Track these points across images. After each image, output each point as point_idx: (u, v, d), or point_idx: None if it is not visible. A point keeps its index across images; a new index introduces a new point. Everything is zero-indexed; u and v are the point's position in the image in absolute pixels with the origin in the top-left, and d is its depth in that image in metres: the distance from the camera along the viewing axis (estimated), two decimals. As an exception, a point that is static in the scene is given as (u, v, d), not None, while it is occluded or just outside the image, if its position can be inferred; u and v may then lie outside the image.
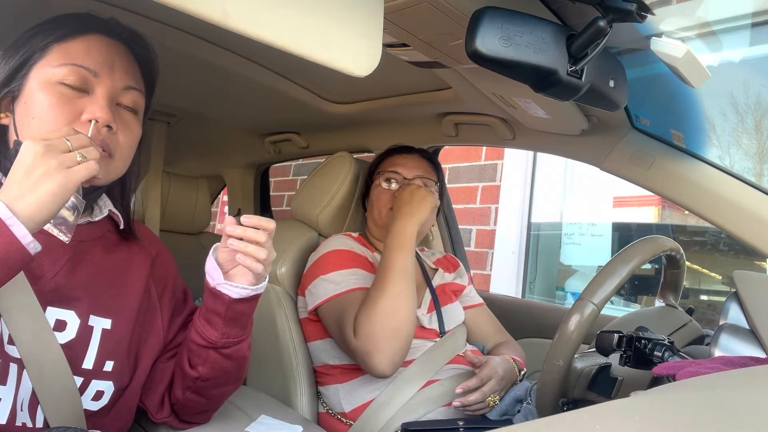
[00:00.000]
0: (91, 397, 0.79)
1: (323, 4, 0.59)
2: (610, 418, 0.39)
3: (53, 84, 0.75)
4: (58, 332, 0.76)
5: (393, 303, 1.07)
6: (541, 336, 1.60)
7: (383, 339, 1.05)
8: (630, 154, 1.18)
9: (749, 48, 1.12)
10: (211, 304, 0.84)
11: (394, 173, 1.33)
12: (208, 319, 0.85)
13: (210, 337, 0.84)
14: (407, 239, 1.13)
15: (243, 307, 0.83)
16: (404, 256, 1.11)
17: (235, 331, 0.85)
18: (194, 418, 0.94)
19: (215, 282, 0.82)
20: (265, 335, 1.32)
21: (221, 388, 0.90)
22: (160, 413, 0.91)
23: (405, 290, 1.09)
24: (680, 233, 2.52)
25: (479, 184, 2.72)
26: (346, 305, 1.12)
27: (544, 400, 0.92)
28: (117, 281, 0.84)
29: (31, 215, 0.61)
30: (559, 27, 0.74)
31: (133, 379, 0.86)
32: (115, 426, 0.85)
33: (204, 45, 1.17)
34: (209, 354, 0.85)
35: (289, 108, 1.54)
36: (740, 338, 0.82)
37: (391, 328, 1.05)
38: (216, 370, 0.86)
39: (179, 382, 0.89)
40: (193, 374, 0.86)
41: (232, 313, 0.83)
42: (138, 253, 0.89)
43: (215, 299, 0.83)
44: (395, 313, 1.06)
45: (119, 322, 0.82)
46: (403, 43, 0.91)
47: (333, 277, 1.18)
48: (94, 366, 0.79)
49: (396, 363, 1.07)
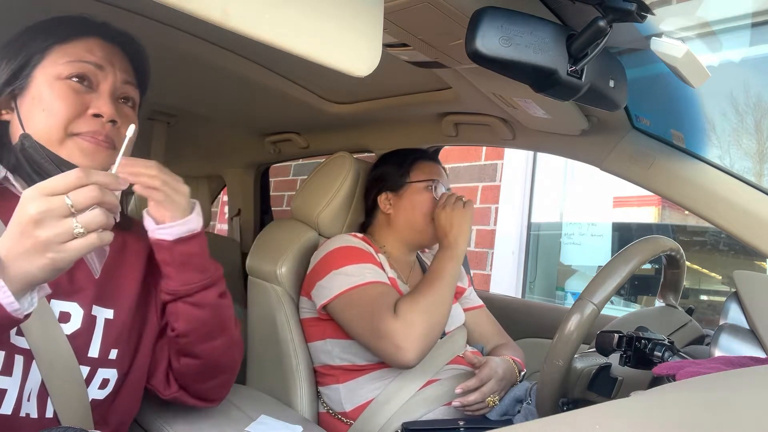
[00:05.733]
0: (98, 386, 0.81)
1: (323, 4, 0.59)
2: (610, 418, 0.39)
3: (62, 79, 0.80)
4: (63, 324, 0.78)
5: (435, 302, 1.13)
6: (541, 336, 1.60)
7: (422, 330, 1.08)
8: (630, 154, 1.18)
9: (749, 48, 1.12)
10: (159, 256, 0.85)
11: (437, 182, 1.35)
12: (165, 273, 0.86)
13: (171, 289, 0.85)
14: (459, 257, 1.23)
15: (186, 247, 0.83)
16: (454, 268, 1.20)
17: (192, 275, 0.85)
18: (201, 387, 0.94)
19: (152, 232, 0.83)
20: (265, 335, 1.32)
21: (206, 344, 0.89)
22: (168, 390, 0.92)
23: (448, 296, 1.17)
24: (680, 233, 2.53)
25: (479, 184, 2.72)
26: (377, 294, 1.14)
27: (544, 400, 0.92)
28: (116, 272, 0.87)
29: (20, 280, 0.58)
30: (559, 27, 0.74)
31: (134, 366, 0.87)
32: (119, 415, 0.87)
33: (204, 45, 1.16)
34: (178, 307, 0.86)
35: (289, 108, 1.54)
36: (740, 338, 0.82)
37: (430, 324, 1.10)
38: (191, 322, 0.86)
39: (173, 352, 0.91)
40: (173, 334, 0.87)
41: (179, 256, 0.83)
42: (134, 244, 0.91)
43: (159, 249, 0.84)
44: (435, 312, 1.12)
45: (120, 311, 0.85)
46: (403, 43, 0.91)
47: (347, 270, 1.18)
48: (100, 355, 0.81)
49: (422, 356, 1.09)
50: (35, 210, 0.57)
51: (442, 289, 1.15)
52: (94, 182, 0.60)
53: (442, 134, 1.48)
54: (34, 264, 0.57)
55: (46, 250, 0.57)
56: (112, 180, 0.63)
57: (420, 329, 1.08)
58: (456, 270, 1.20)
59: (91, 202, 0.59)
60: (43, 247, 0.57)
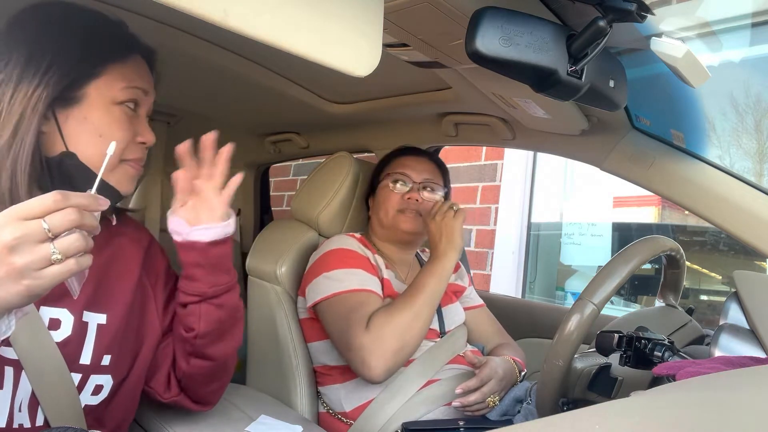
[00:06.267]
0: (91, 392, 0.80)
1: (323, 4, 0.59)
2: (610, 418, 0.39)
3: (116, 104, 0.79)
4: (53, 331, 0.76)
5: (412, 319, 1.09)
6: (541, 336, 1.60)
7: (391, 347, 1.05)
8: (630, 154, 1.18)
9: (749, 48, 1.12)
10: (188, 258, 0.84)
11: (403, 175, 1.33)
12: (190, 275, 0.85)
13: (198, 290, 0.85)
14: (446, 271, 1.18)
15: (219, 249, 0.85)
16: (437, 284, 1.15)
17: (221, 277, 0.86)
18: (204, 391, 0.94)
19: (185, 233, 0.83)
20: (265, 335, 1.32)
21: (219, 345, 0.90)
22: (168, 393, 0.92)
23: (426, 313, 1.12)
24: (680, 233, 2.52)
25: (479, 184, 2.72)
26: (356, 303, 1.12)
27: (544, 400, 0.92)
28: (109, 277, 0.85)
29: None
30: (559, 27, 0.74)
31: (133, 370, 0.86)
32: (116, 418, 0.86)
33: (204, 45, 1.17)
34: (202, 308, 0.86)
35: (289, 108, 1.54)
36: (740, 338, 0.82)
37: (402, 341, 1.07)
38: (212, 323, 0.87)
39: (181, 353, 0.90)
40: (191, 335, 0.87)
41: (212, 258, 0.84)
42: (129, 246, 0.90)
43: (190, 251, 0.84)
44: (410, 329, 1.08)
45: (114, 316, 0.83)
46: (403, 43, 0.91)
47: (335, 274, 1.18)
48: (92, 361, 0.79)
49: (389, 373, 1.08)
50: (10, 236, 0.53)
51: (420, 306, 1.11)
52: (72, 205, 0.56)
53: (442, 134, 1.48)
54: (9, 291, 0.54)
55: (22, 277, 0.54)
56: (91, 201, 0.59)
57: (390, 346, 1.05)
58: (440, 285, 1.15)
59: (69, 225, 0.56)
60: (19, 274, 0.54)
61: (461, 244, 1.22)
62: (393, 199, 1.31)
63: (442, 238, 1.20)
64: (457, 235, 1.21)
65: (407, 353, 1.09)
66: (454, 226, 1.21)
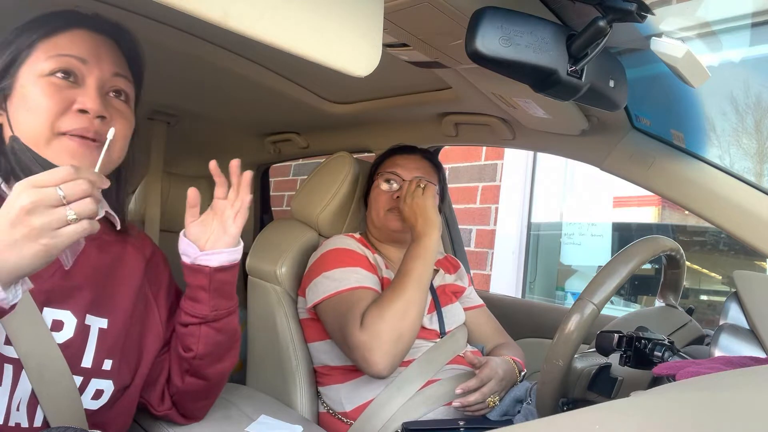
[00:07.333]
0: (91, 396, 0.80)
1: (323, 5, 0.59)
2: (610, 418, 0.39)
3: (44, 76, 0.76)
4: (56, 332, 0.76)
5: (405, 307, 1.08)
6: (541, 336, 1.60)
7: (389, 339, 1.05)
8: (630, 154, 1.18)
9: (749, 48, 1.12)
10: (194, 281, 0.85)
11: (393, 174, 1.33)
12: (194, 297, 0.86)
13: (200, 313, 0.85)
14: (429, 251, 1.15)
15: (224, 275, 0.85)
16: (423, 266, 1.13)
17: (223, 302, 0.87)
18: (193, 407, 0.95)
19: (194, 257, 0.84)
20: (265, 335, 1.32)
21: (217, 366, 0.91)
22: (161, 406, 0.92)
23: (418, 298, 1.10)
24: (680, 233, 2.52)
25: (479, 184, 2.72)
26: (352, 301, 1.12)
27: (544, 400, 0.92)
28: (112, 281, 0.85)
29: (9, 271, 0.57)
30: (559, 27, 0.74)
31: (136, 377, 0.86)
32: (116, 424, 0.86)
33: (204, 45, 1.16)
34: (201, 330, 0.86)
35: (289, 108, 1.54)
36: (740, 338, 0.82)
37: (399, 332, 1.06)
38: (210, 345, 0.88)
39: (177, 370, 0.90)
40: (189, 355, 0.87)
41: (216, 283, 0.84)
42: (132, 254, 0.90)
43: (196, 274, 0.84)
44: (405, 318, 1.07)
45: (115, 321, 0.83)
46: (403, 43, 0.91)
47: (334, 274, 1.18)
48: (93, 365, 0.79)
49: (394, 365, 1.07)
50: (28, 199, 0.57)
51: (410, 292, 1.09)
52: (84, 178, 0.61)
53: (442, 134, 1.48)
54: (26, 251, 0.57)
55: (40, 236, 0.57)
56: (97, 178, 0.63)
57: (387, 338, 1.04)
58: (426, 266, 1.13)
59: (81, 194, 0.60)
60: (38, 233, 0.57)
61: (437, 219, 1.20)
62: (383, 199, 1.31)
63: (417, 218, 1.19)
64: (430, 211, 1.19)
65: (407, 341, 1.08)
66: (426, 204, 1.20)
